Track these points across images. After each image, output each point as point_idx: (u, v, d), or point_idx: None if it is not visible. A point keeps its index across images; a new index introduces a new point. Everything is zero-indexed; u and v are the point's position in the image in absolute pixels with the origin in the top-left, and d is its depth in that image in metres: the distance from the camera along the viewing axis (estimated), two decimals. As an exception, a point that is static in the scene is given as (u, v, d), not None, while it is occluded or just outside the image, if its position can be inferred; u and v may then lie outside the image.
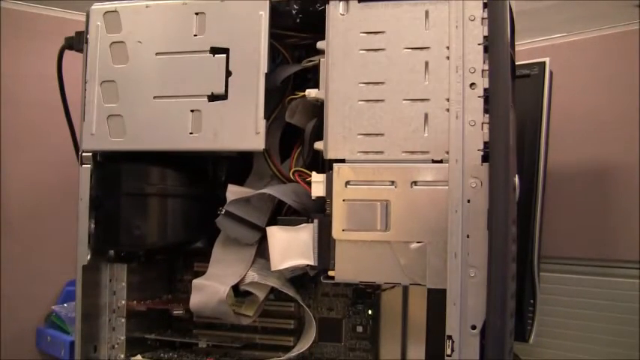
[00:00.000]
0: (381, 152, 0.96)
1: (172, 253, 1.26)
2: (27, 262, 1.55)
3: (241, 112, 1.03)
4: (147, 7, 1.09)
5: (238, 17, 1.04)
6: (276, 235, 1.02)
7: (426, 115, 0.95)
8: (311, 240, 0.99)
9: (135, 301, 1.19)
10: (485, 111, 0.91)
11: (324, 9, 1.01)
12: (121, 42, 1.09)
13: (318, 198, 0.99)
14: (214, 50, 1.05)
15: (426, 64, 0.95)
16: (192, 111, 1.05)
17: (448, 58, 0.94)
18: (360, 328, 1.20)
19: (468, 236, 0.91)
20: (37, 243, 1.57)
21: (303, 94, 1.03)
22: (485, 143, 0.91)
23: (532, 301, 1.29)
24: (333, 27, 1.00)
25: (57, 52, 1.20)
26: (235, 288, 1.10)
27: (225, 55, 1.04)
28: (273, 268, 1.02)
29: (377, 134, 0.96)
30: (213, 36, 1.05)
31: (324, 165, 1.01)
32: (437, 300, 0.94)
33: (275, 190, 1.07)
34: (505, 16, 0.91)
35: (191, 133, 1.05)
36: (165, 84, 1.07)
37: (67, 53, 1.19)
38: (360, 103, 0.97)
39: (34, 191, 1.58)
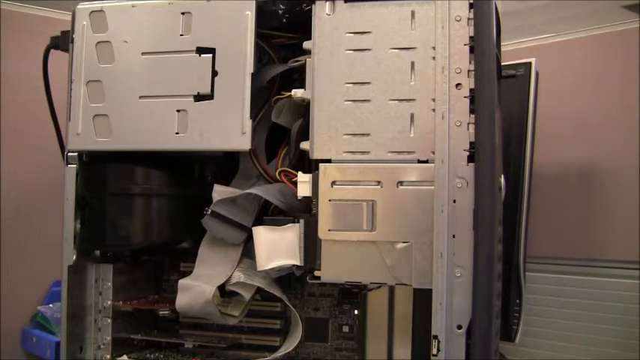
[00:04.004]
0: (367, 152, 0.96)
1: (158, 254, 1.26)
2: (12, 263, 1.54)
3: (227, 112, 1.03)
4: (133, 6, 1.08)
5: (224, 17, 1.04)
6: (263, 235, 1.02)
7: (412, 116, 0.95)
8: (297, 240, 1.00)
9: (121, 302, 1.19)
10: (471, 111, 0.91)
11: (311, 9, 1.01)
12: (107, 42, 1.09)
13: (304, 198, 0.99)
14: (200, 50, 1.04)
15: (412, 64, 0.95)
16: (178, 111, 1.05)
17: (434, 58, 0.94)
18: (346, 328, 1.20)
19: (453, 236, 0.91)
20: (22, 243, 1.56)
21: (289, 94, 1.03)
22: (471, 143, 0.91)
23: (518, 300, 1.30)
24: (319, 27, 1.00)
25: (42, 52, 1.20)
26: (221, 288, 1.10)
27: (211, 55, 1.04)
28: (259, 268, 1.02)
29: (363, 134, 0.97)
30: (200, 36, 1.05)
31: (310, 165, 1.01)
32: (423, 300, 0.95)
33: (261, 190, 1.07)
34: (491, 17, 0.91)
35: (177, 133, 1.05)
36: (151, 84, 1.07)
37: (53, 53, 1.19)
38: (346, 103, 0.97)
39: (18, 191, 1.57)
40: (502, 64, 1.05)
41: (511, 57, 1.30)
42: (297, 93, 1.01)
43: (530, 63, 1.29)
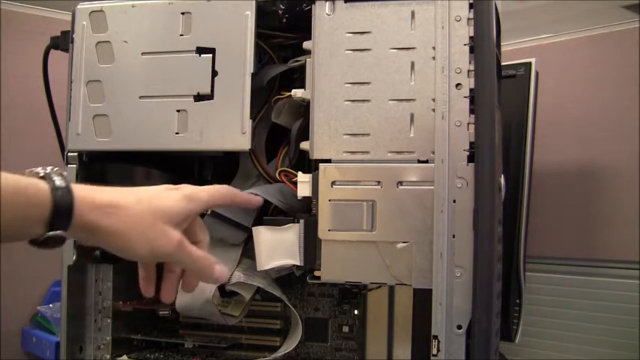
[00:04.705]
0: (367, 152, 0.96)
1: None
2: (12, 263, 1.54)
3: (227, 112, 1.03)
4: (133, 6, 1.08)
5: (224, 17, 1.04)
6: (263, 235, 1.02)
7: (412, 116, 0.95)
8: (297, 240, 0.99)
9: (121, 302, 1.19)
10: (471, 111, 0.91)
11: (311, 9, 1.01)
12: (107, 42, 1.08)
13: (304, 198, 0.99)
14: (200, 50, 1.04)
15: (412, 64, 0.95)
16: (178, 111, 1.05)
17: (434, 58, 0.94)
18: (346, 328, 1.20)
19: (453, 236, 0.91)
20: (22, 243, 1.56)
21: (289, 94, 1.03)
22: (470, 143, 0.91)
23: (518, 300, 1.30)
24: (319, 27, 1.00)
25: (42, 52, 1.20)
26: (221, 288, 1.10)
27: (211, 55, 1.04)
28: (259, 268, 1.02)
29: (363, 134, 0.97)
30: (200, 36, 1.05)
31: (310, 165, 1.01)
32: (423, 300, 0.95)
33: (261, 190, 1.07)
34: (491, 17, 0.91)
35: (177, 133, 1.05)
36: (151, 84, 1.06)
37: (53, 53, 1.18)
38: (346, 103, 0.97)
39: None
40: (502, 64, 1.05)
41: (511, 57, 1.30)
42: (297, 93, 1.01)
43: (530, 63, 1.29)
